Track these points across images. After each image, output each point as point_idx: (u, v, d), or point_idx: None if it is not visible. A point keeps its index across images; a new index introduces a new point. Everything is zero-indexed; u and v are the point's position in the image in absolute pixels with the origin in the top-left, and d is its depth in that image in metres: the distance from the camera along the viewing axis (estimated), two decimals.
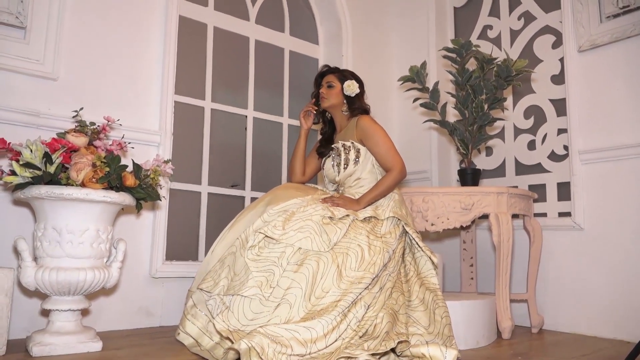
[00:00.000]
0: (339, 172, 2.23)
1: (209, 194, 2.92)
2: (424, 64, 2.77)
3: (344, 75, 2.30)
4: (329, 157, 2.30)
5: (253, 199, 3.02)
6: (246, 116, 3.12)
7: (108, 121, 2.04)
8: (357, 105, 2.26)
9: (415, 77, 2.77)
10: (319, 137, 2.41)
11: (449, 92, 2.92)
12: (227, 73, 3.10)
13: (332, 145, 2.29)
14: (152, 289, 2.49)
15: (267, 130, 3.22)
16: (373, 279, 1.89)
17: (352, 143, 2.20)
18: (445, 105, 2.82)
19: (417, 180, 3.33)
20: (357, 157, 2.18)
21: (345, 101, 2.27)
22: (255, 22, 3.19)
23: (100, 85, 2.43)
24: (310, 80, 2.36)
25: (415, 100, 2.88)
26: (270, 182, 3.15)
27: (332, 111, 2.32)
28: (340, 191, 2.25)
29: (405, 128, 3.51)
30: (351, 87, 2.25)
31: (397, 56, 3.60)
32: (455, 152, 3.38)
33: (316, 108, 2.30)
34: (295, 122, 3.25)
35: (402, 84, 2.90)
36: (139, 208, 2.02)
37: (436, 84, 2.79)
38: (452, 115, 3.30)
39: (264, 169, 3.19)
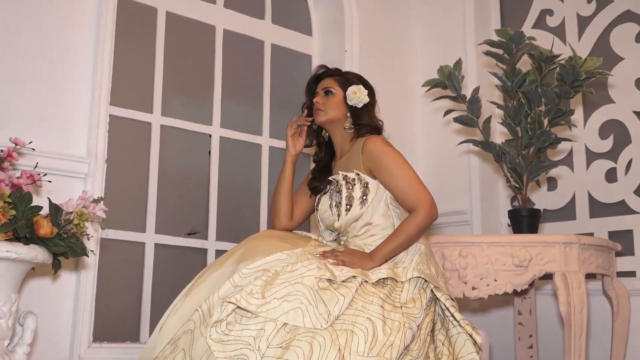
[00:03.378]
0: (339, 216, 2.22)
1: (156, 245, 2.93)
2: (458, 64, 2.80)
3: (347, 79, 2.31)
4: (325, 194, 2.29)
5: (219, 253, 3.01)
6: (210, 135, 3.14)
7: (15, 145, 2.05)
8: (365, 121, 2.27)
9: (447, 81, 2.80)
10: (312, 165, 2.42)
11: (493, 102, 2.95)
12: (185, 76, 3.14)
13: (330, 178, 2.28)
14: None
15: (239, 155, 3.24)
16: None
17: (358, 174, 2.20)
18: (489, 120, 2.85)
19: (451, 225, 3.33)
20: (365, 194, 2.18)
21: (348, 115, 2.28)
22: (224, 5, 3.25)
23: (4, 95, 2.45)
24: (300, 86, 2.38)
25: (448, 113, 2.90)
26: (244, 228, 3.14)
27: (330, 129, 2.32)
28: (343, 242, 2.25)
29: (433, 152, 3.53)
30: (357, 95, 2.26)
31: (421, 53, 3.65)
32: (504, 186, 3.40)
33: (309, 121, 2.33)
34: (280, 144, 3.27)
35: (429, 90, 2.92)
36: (56, 267, 2.01)
37: (476, 90, 2.82)
38: (499, 134, 3.32)
39: (235, 209, 3.19)
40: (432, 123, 3.52)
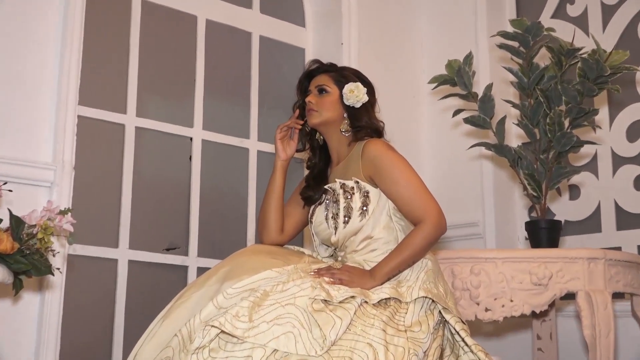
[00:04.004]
0: (336, 229, 2.22)
1: (131, 262, 2.93)
2: (469, 58, 2.82)
3: (344, 75, 2.32)
4: (320, 204, 2.30)
5: (201, 271, 3.00)
6: (191, 138, 3.15)
7: None
8: (363, 123, 2.28)
9: (456, 77, 2.81)
10: (305, 172, 2.43)
11: (508, 101, 2.96)
12: (163, 72, 3.15)
13: (326, 186, 2.28)
14: None
15: (224, 161, 3.24)
16: None
17: (357, 182, 2.20)
18: (503, 120, 2.86)
19: (461, 238, 3.34)
20: (365, 204, 2.18)
21: (345, 116, 2.29)
22: None
23: None
24: (292, 83, 2.39)
25: (457, 113, 2.91)
26: (230, 243, 3.14)
27: (324, 131, 2.32)
28: (340, 258, 2.25)
29: (441, 157, 3.54)
30: (355, 94, 2.26)
31: (427, 46, 3.65)
32: (520, 195, 3.41)
33: (301, 124, 2.33)
34: (269, 148, 3.27)
35: (436, 88, 2.92)
36: (18, 288, 2.00)
37: (489, 87, 2.83)
38: (515, 137, 3.34)
39: (220, 222, 3.19)
40: (440, 124, 3.52)
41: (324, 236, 2.27)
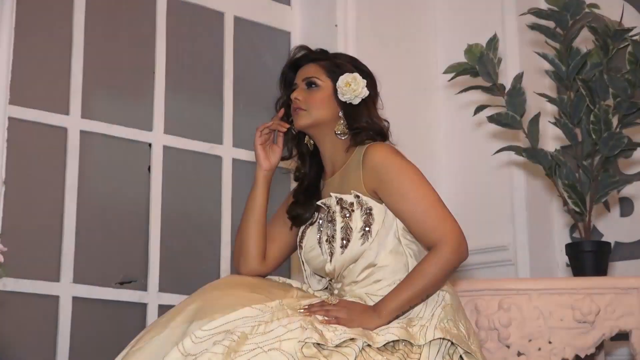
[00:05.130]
0: (332, 255, 2.21)
1: (75, 299, 2.91)
2: (494, 41, 2.83)
3: (337, 64, 2.31)
4: (312, 225, 2.30)
5: (164, 310, 2.95)
6: (150, 144, 3.15)
7: None
8: (364, 122, 2.27)
9: (479, 65, 2.82)
10: (292, 185, 2.43)
11: (542, 95, 2.96)
12: (114, 64, 3.14)
13: (319, 202, 2.28)
14: None
15: (191, 172, 3.25)
16: None
17: (357, 197, 2.20)
18: (537, 119, 2.87)
19: (487, 266, 3.34)
20: (368, 224, 2.17)
21: (341, 115, 2.29)
22: None
23: None
24: (275, 75, 2.37)
25: (479, 110, 2.92)
26: (199, 274, 3.14)
27: (316, 135, 2.31)
28: (337, 292, 2.24)
29: (460, 164, 3.54)
30: (352, 87, 2.25)
31: (442, 28, 3.66)
32: (559, 210, 3.42)
33: (287, 126, 2.33)
34: (247, 155, 3.28)
35: (453, 79, 2.93)
36: None
37: (518, 78, 2.84)
38: (552, 139, 3.33)
39: (186, 248, 3.20)
40: (458, 124, 3.53)
41: (317, 264, 2.27)
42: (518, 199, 3.39)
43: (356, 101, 2.27)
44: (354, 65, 2.33)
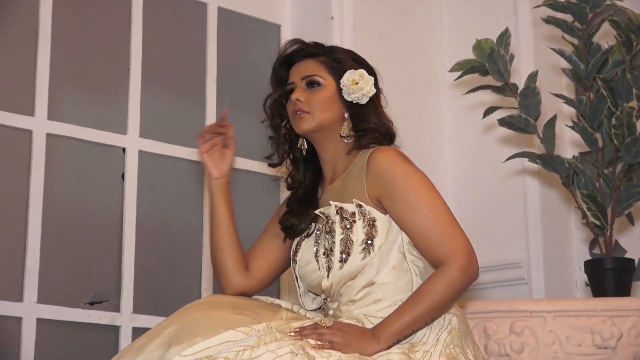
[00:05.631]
0: (329, 270, 2.21)
1: (40, 321, 2.90)
2: (505, 36, 2.83)
3: (337, 59, 2.33)
4: (308, 237, 2.31)
5: (138, 333, 2.93)
6: (124, 149, 3.14)
7: None
8: (372, 124, 2.29)
9: (488, 62, 2.82)
10: (284, 194, 2.45)
11: (559, 95, 2.97)
12: (84, 60, 3.14)
13: (316, 212, 2.29)
14: None
15: (169, 179, 3.24)
16: None
17: (360, 206, 2.20)
18: (552, 122, 2.86)
19: (498, 285, 3.34)
20: (371, 236, 2.17)
21: (347, 116, 2.30)
22: None
23: None
24: (264, 72, 2.36)
25: (489, 112, 2.92)
26: (177, 293, 3.15)
27: (317, 139, 2.32)
28: (332, 312, 2.24)
29: (468, 172, 3.55)
30: (361, 86, 2.26)
31: (448, 21, 3.67)
32: (578, 223, 3.42)
33: (224, 129, 2.31)
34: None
35: (460, 77, 2.92)
36: None
37: (533, 77, 2.84)
38: (569, 144, 3.35)
39: (164, 264, 3.19)
40: (466, 127, 3.54)
41: (313, 280, 2.27)
42: (532, 210, 3.39)
43: (364, 100, 2.28)
44: (355, 59, 2.34)
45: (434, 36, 3.69)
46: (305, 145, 2.36)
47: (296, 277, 2.32)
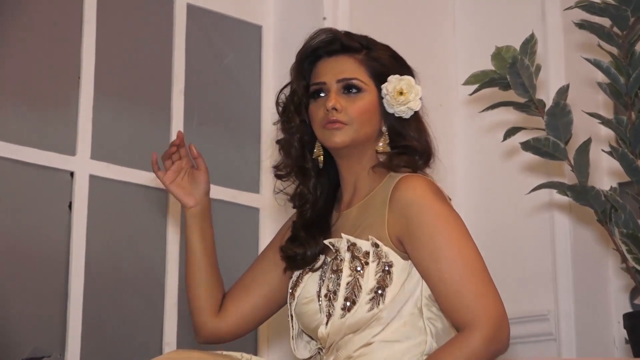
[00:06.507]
0: (329, 317, 2.19)
1: None
2: (530, 43, 2.81)
3: (378, 59, 2.32)
4: (313, 271, 2.29)
5: None
6: (72, 173, 3.13)
7: None
8: (414, 142, 2.30)
9: (510, 74, 2.80)
10: (287, 212, 2.43)
11: (594, 114, 2.94)
12: (24, 66, 3.13)
13: (326, 242, 2.27)
14: None
15: (127, 209, 3.25)
16: None
17: (377, 246, 2.18)
18: (587, 146, 2.84)
19: (522, 341, 3.30)
20: (383, 285, 2.15)
21: (385, 129, 2.30)
22: None
23: None
24: (241, 82, 2.33)
25: (511, 133, 2.90)
26: (134, 348, 3.16)
27: (345, 155, 2.31)
28: None
29: (485, 205, 3.57)
30: (408, 98, 2.26)
31: (463, 25, 3.69)
32: (616, 268, 3.41)
33: (178, 148, 2.32)
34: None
35: (476, 92, 2.90)
36: None
37: (563, 92, 2.81)
38: (607, 174, 3.35)
39: (118, 312, 3.18)
40: (482, 151, 3.56)
41: (310, 322, 2.25)
42: (561, 252, 3.39)
43: (408, 114, 2.28)
44: (394, 56, 2.35)
45: (445, 42, 3.71)
46: (322, 157, 2.35)
47: (291, 316, 2.31)
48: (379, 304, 2.13)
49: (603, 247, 3.43)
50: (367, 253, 2.15)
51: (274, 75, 3.48)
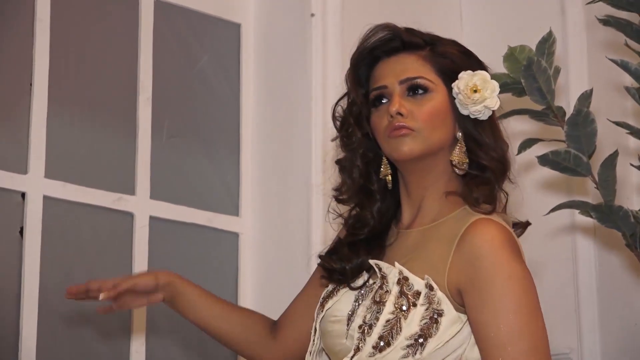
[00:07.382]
0: (358, 349, 2.17)
1: None
2: (548, 42, 2.83)
3: (446, 54, 2.32)
4: (352, 289, 2.28)
5: None
6: (24, 194, 3.15)
7: None
8: (492, 154, 2.30)
9: (525, 78, 2.82)
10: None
11: (621, 124, 2.95)
12: None
13: (371, 262, 2.27)
14: None
15: (86, 235, 3.27)
16: None
17: (431, 289, 2.16)
18: (613, 159, 2.86)
19: None
20: (426, 334, 2.13)
21: (460, 136, 2.29)
22: None
23: None
24: (217, 88, 2.35)
25: (527, 145, 2.92)
26: None
27: (414, 168, 2.30)
28: None
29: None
30: (483, 95, 2.24)
31: (471, 22, 3.73)
32: None
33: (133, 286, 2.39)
34: (170, 210, 3.34)
35: None
36: None
37: (585, 98, 2.84)
38: (636, 190, 3.37)
39: (79, 353, 3.21)
40: None
41: (333, 345, 2.27)
42: (584, 280, 3.42)
43: (485, 115, 2.28)
44: (463, 52, 2.35)
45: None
46: (389, 176, 2.34)
47: (314, 330, 2.32)
48: (415, 354, 2.12)
49: (632, 276, 3.47)
50: (418, 293, 2.14)
51: (255, 80, 3.49)
